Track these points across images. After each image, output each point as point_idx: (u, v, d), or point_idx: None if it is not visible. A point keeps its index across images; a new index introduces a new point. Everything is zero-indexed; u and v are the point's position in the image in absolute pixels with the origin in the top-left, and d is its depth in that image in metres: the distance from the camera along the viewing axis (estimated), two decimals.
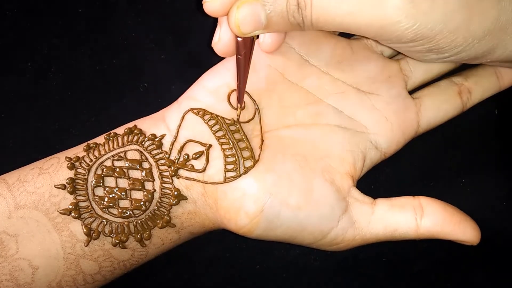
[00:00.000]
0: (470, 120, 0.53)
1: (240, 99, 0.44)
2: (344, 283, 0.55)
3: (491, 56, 0.42)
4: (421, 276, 0.54)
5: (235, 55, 0.42)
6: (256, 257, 0.55)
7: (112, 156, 0.44)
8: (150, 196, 0.43)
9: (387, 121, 0.47)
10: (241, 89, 0.43)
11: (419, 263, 0.54)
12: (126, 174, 0.43)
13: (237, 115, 0.45)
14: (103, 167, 0.44)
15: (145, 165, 0.44)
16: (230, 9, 0.39)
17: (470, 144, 0.56)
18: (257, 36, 0.44)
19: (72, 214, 0.42)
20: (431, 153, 0.56)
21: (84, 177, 0.43)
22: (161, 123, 0.46)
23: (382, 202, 0.46)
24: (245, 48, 0.41)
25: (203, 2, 0.39)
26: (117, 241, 0.43)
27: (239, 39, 0.40)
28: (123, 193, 0.43)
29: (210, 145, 0.44)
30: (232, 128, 0.45)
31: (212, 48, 0.45)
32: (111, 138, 0.45)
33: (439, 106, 0.49)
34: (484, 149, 0.56)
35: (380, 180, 0.54)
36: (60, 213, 0.42)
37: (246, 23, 0.38)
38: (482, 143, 0.56)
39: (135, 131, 0.45)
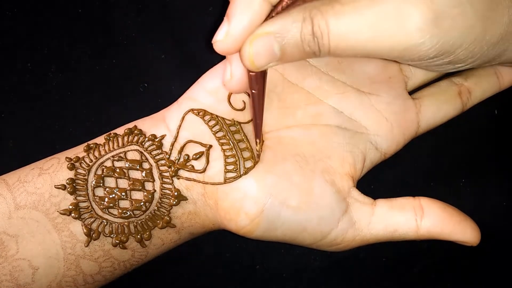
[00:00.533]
0: (470, 120, 0.53)
1: (258, 134, 0.43)
2: (344, 283, 0.55)
3: (499, 59, 0.42)
4: (421, 276, 0.55)
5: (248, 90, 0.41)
6: (256, 257, 0.55)
7: (112, 156, 0.44)
8: (150, 196, 0.43)
9: (387, 121, 0.47)
10: (257, 124, 0.42)
11: (419, 263, 0.54)
12: (126, 175, 0.43)
13: (257, 151, 0.44)
14: (103, 167, 0.44)
15: (145, 165, 0.44)
16: (242, 45, 0.37)
17: (470, 144, 0.56)
18: None
19: (72, 214, 0.42)
20: (431, 153, 0.56)
21: (84, 177, 0.43)
22: (161, 124, 0.46)
23: (382, 203, 0.46)
24: (258, 82, 0.39)
25: (213, 42, 0.37)
26: (117, 241, 0.43)
27: (251, 73, 0.39)
28: (123, 194, 0.43)
29: (210, 146, 0.44)
30: (233, 128, 0.45)
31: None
32: (111, 138, 0.45)
33: (439, 107, 0.49)
34: (484, 149, 0.56)
35: (380, 180, 0.54)
36: (60, 213, 0.42)
37: (260, 57, 0.37)
38: (482, 143, 0.56)
39: (135, 131, 0.45)
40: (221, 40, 0.36)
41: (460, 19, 0.37)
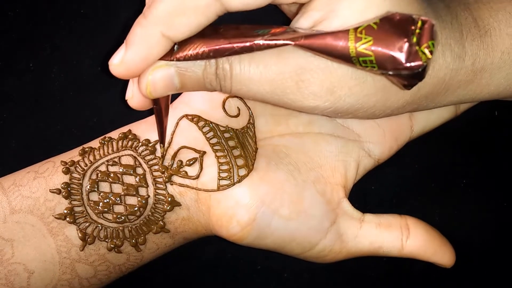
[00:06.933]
0: (470, 121, 0.53)
1: (162, 142, 0.43)
2: (344, 283, 0.55)
3: (417, 111, 0.45)
4: (421, 276, 0.55)
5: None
6: (257, 257, 0.55)
7: (107, 161, 0.44)
8: (144, 202, 0.43)
9: (379, 127, 0.47)
10: (162, 133, 0.42)
11: (419, 263, 0.54)
12: (120, 180, 0.44)
13: (161, 154, 0.44)
14: (98, 172, 0.44)
15: (139, 170, 0.44)
16: (140, 73, 0.37)
17: (471, 145, 0.56)
18: None
19: (67, 219, 0.42)
20: (431, 154, 0.56)
21: (79, 181, 0.43)
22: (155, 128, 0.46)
23: (370, 218, 0.46)
24: (159, 101, 0.39)
25: (109, 63, 0.37)
26: (112, 245, 0.43)
27: None
28: (117, 199, 0.43)
29: (204, 152, 0.44)
30: (227, 135, 0.45)
31: None
32: (106, 142, 0.45)
33: (432, 110, 0.49)
34: (484, 149, 0.56)
35: (380, 181, 0.54)
36: (55, 217, 0.43)
37: (157, 87, 0.37)
38: (482, 144, 0.56)
39: (129, 136, 0.45)
40: (116, 64, 0.36)
41: (357, 89, 0.37)
